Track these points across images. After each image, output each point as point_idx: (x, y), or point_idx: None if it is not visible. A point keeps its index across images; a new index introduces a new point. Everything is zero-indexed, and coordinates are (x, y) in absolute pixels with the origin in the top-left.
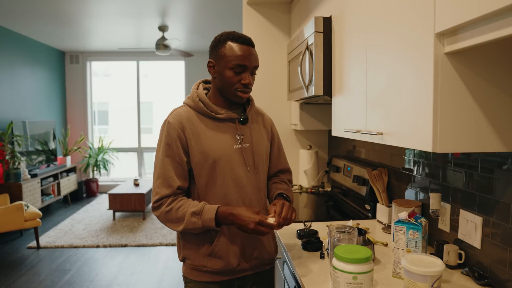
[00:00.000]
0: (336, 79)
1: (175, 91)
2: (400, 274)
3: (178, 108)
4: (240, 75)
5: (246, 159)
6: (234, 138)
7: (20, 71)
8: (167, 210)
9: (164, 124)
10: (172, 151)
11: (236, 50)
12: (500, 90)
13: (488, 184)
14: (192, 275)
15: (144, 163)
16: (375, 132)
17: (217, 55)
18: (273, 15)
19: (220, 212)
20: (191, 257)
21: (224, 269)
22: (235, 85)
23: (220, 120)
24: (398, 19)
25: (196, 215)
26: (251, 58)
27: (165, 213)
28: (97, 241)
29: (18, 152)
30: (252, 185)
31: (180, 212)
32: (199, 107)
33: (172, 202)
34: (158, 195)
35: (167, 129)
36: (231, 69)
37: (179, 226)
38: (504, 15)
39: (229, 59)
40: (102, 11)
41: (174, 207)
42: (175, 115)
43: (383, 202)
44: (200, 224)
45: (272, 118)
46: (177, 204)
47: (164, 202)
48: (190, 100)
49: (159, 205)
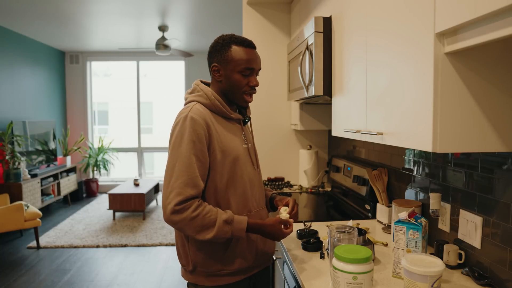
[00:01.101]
0: (336, 79)
1: (175, 91)
2: (400, 274)
3: (196, 105)
4: (248, 78)
5: (252, 158)
6: (241, 138)
7: (20, 71)
8: (193, 216)
9: (185, 120)
10: (197, 149)
11: (243, 53)
12: (500, 90)
13: (488, 184)
14: (208, 282)
15: (144, 163)
16: (375, 132)
17: (223, 59)
18: (273, 15)
19: (250, 224)
20: (205, 263)
21: (242, 268)
22: (243, 88)
23: (231, 120)
24: (398, 19)
25: (227, 224)
26: (257, 61)
27: (190, 219)
28: (97, 241)
29: (18, 152)
30: (258, 183)
31: (208, 219)
32: (215, 105)
33: (199, 207)
34: (182, 196)
35: (192, 126)
36: (240, 72)
37: (207, 234)
38: (504, 15)
39: (238, 62)
40: (102, 11)
41: (202, 213)
42: (196, 111)
43: (383, 202)
44: (230, 234)
45: (272, 118)
46: (204, 210)
47: (190, 206)
48: (203, 98)
49: (183, 208)
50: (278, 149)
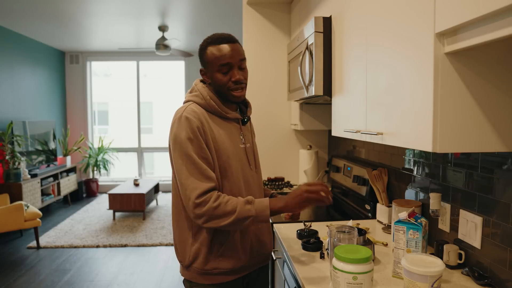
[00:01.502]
0: (336, 79)
1: (175, 91)
2: (400, 274)
3: (190, 105)
4: (229, 74)
5: (249, 158)
6: (239, 138)
7: (20, 71)
8: (215, 206)
9: (180, 120)
10: (196, 146)
11: (216, 52)
12: (500, 90)
13: (488, 184)
14: (201, 280)
15: (144, 163)
16: (375, 132)
17: (204, 62)
18: (273, 15)
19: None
20: (200, 261)
21: (235, 267)
22: (227, 85)
23: (228, 119)
24: (398, 19)
25: (249, 203)
26: (232, 54)
27: (213, 209)
28: (97, 241)
29: (18, 152)
30: (255, 183)
31: (230, 205)
32: (210, 105)
33: (219, 197)
34: (199, 190)
35: (187, 125)
36: (218, 71)
37: (229, 218)
38: (504, 15)
39: (214, 62)
40: (102, 11)
41: (223, 201)
42: (191, 112)
43: (383, 202)
44: (254, 212)
45: (272, 118)
46: (224, 198)
47: (211, 197)
48: (199, 98)
49: (204, 201)
50: (278, 149)
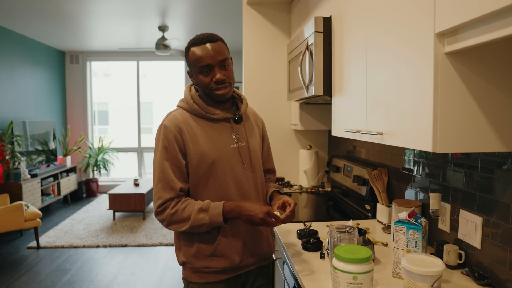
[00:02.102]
0: (336, 79)
1: (175, 91)
2: (400, 274)
3: (173, 111)
4: (210, 74)
5: (243, 158)
6: (231, 138)
7: (20, 71)
8: (172, 213)
9: (160, 128)
10: (170, 154)
11: (196, 53)
12: (500, 90)
13: (488, 184)
14: (195, 278)
15: (144, 163)
16: (375, 132)
17: (189, 64)
18: (273, 15)
19: (227, 206)
20: (192, 260)
21: (228, 267)
22: (209, 85)
23: (216, 120)
24: (398, 19)
25: (203, 211)
26: (212, 54)
27: (170, 216)
28: (97, 241)
29: (18, 152)
30: (250, 183)
31: (186, 212)
32: (194, 109)
33: (177, 204)
34: (161, 199)
35: (164, 133)
36: (200, 72)
37: (185, 225)
38: (504, 15)
39: (195, 64)
40: (102, 11)
41: (180, 208)
42: (171, 118)
43: (383, 202)
44: (208, 220)
45: (272, 118)
46: (182, 205)
47: (168, 206)
48: (183, 103)
49: (163, 209)
50: (278, 149)
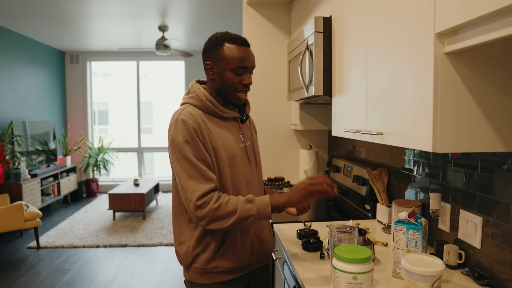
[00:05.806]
0: (336, 79)
1: (175, 91)
2: (400, 274)
3: (186, 107)
4: (241, 76)
5: (249, 157)
6: (238, 137)
7: (20, 71)
8: (216, 207)
9: (177, 123)
10: (194, 148)
11: (235, 51)
12: (500, 90)
13: (488, 184)
14: (201, 279)
15: (144, 163)
16: (375, 132)
17: (216, 57)
18: (273, 15)
19: (273, 196)
20: (200, 260)
21: (235, 266)
22: (236, 86)
23: (226, 119)
24: (398, 19)
25: (249, 202)
26: (250, 59)
27: (214, 210)
28: (97, 241)
29: (18, 152)
30: (256, 181)
31: (230, 205)
32: (207, 106)
33: (220, 197)
34: (199, 191)
35: (184, 127)
36: (232, 70)
37: (230, 220)
38: (504, 15)
39: (230, 61)
40: (102, 11)
41: (223, 201)
42: (187, 114)
43: (383, 202)
44: (255, 211)
45: (272, 118)
46: (225, 198)
47: (211, 198)
48: (195, 99)
49: (205, 202)
50: (278, 149)
